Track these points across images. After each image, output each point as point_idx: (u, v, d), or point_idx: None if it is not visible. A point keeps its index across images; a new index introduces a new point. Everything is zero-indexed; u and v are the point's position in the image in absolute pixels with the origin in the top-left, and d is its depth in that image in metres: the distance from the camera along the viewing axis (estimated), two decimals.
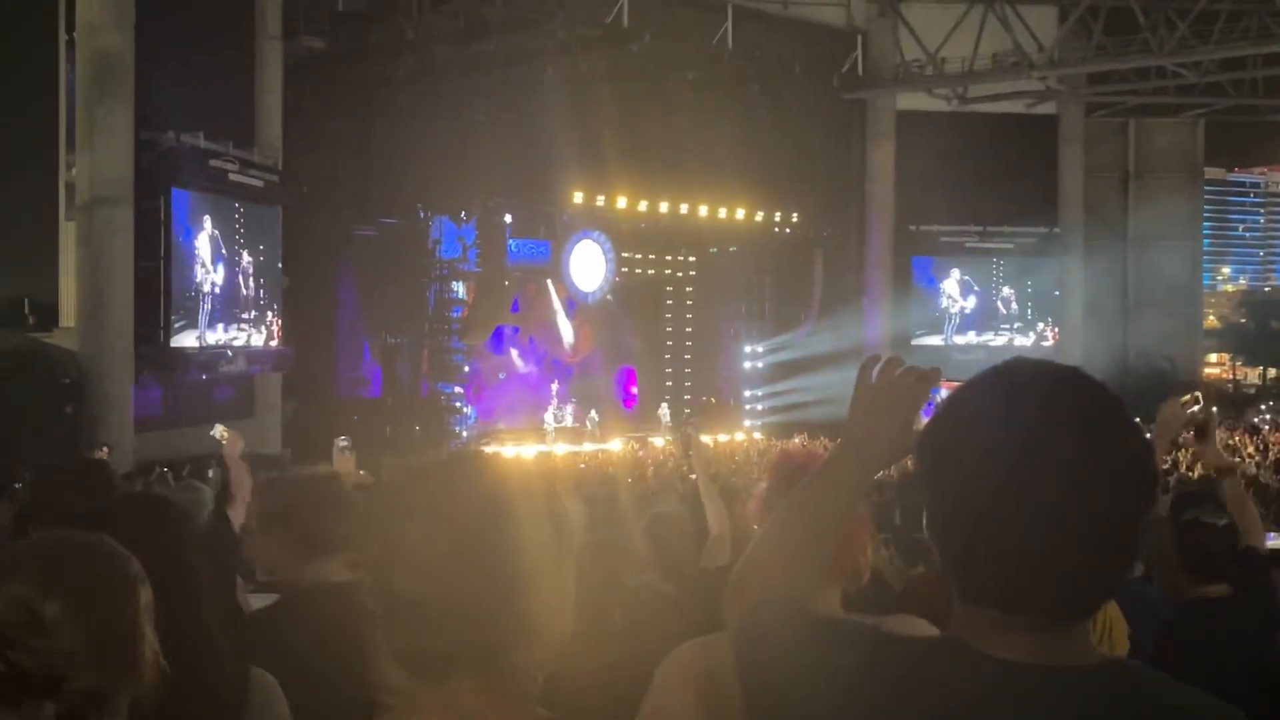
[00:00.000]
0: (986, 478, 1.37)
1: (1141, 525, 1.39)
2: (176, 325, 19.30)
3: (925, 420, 1.52)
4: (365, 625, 1.43)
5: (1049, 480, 1.33)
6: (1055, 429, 1.36)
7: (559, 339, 30.46)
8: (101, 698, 1.71)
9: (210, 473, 14.86)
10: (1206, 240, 34.71)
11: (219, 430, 5.40)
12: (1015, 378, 1.43)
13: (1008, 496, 1.35)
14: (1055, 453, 1.34)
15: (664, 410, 29.77)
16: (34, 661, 1.66)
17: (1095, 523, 1.34)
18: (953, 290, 32.13)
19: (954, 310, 32.17)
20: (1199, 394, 3.90)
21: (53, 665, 1.67)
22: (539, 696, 1.48)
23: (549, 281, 29.85)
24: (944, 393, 1.55)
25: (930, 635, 1.55)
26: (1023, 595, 1.37)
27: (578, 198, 27.09)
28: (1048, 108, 32.12)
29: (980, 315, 32.18)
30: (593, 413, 28.56)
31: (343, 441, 6.13)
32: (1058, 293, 31.98)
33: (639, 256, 30.93)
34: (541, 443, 26.63)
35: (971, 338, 31.92)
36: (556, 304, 30.06)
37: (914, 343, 30.97)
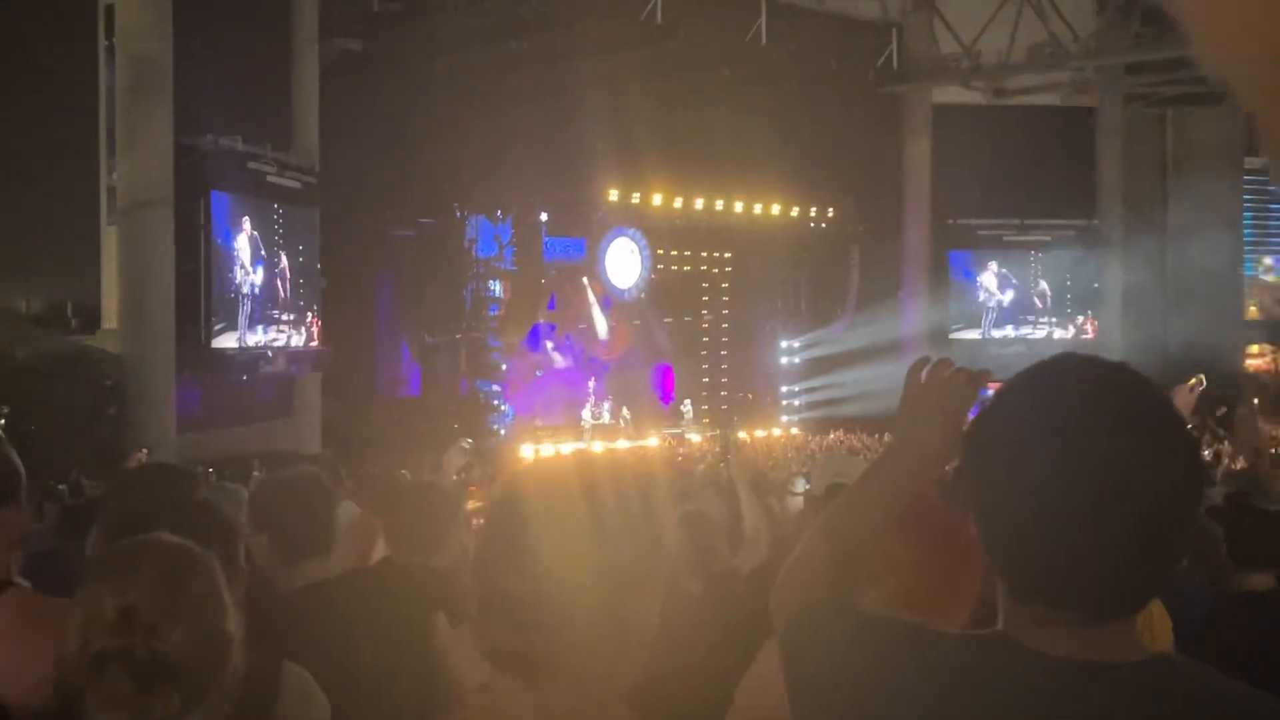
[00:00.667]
0: (1031, 474, 1.38)
1: (1187, 521, 1.40)
2: (217, 327, 19.47)
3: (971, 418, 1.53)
4: (356, 619, 1.49)
5: (1093, 477, 1.34)
6: (1100, 425, 1.36)
7: (595, 336, 30.47)
8: (207, 687, 1.88)
9: (255, 473, 15.01)
10: (1248, 231, 34.21)
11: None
12: (1060, 374, 1.44)
13: (1052, 493, 1.36)
14: (1100, 449, 1.35)
15: (687, 406, 29.67)
16: (172, 651, 1.83)
17: (1141, 519, 1.35)
18: (990, 284, 31.91)
19: (991, 304, 31.95)
20: (1201, 376, 3.91)
21: (181, 656, 1.83)
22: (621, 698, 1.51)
23: (584, 279, 29.87)
24: (992, 393, 1.56)
25: (974, 632, 1.56)
26: (1069, 592, 1.39)
27: (613, 195, 27.09)
28: (1085, 99, 31.83)
29: (1018, 309, 31.93)
30: (625, 410, 28.55)
31: (465, 443, 6.18)
32: (1096, 285, 31.69)
33: (675, 253, 30.88)
34: (579, 440, 26.65)
35: (1009, 332, 31.68)
36: (592, 301, 30.08)
37: (951, 337, 30.78)
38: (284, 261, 21.32)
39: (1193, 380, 3.85)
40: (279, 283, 21.24)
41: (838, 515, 1.74)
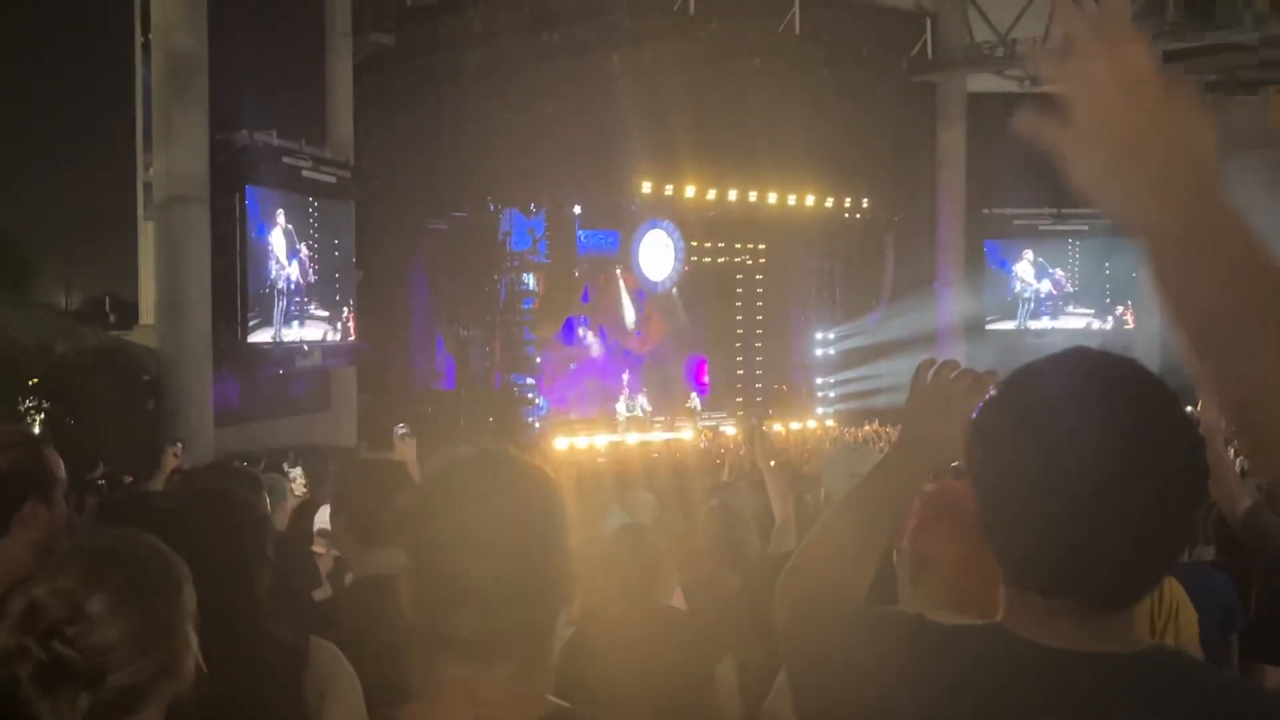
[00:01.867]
0: (1032, 463, 1.38)
1: (1188, 516, 1.39)
2: (253, 321, 19.61)
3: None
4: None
5: (1093, 468, 1.34)
6: (1101, 417, 1.36)
7: (628, 328, 30.50)
8: (138, 693, 1.78)
9: (286, 466, 15.12)
10: None
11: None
12: (1065, 366, 1.44)
13: (1052, 483, 1.35)
14: (1100, 441, 1.34)
15: (693, 400, 29.59)
16: (75, 653, 1.73)
17: (1140, 512, 1.34)
18: (1026, 274, 31.70)
19: (1028, 294, 31.75)
20: None
21: (93, 658, 1.73)
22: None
23: (618, 271, 29.90)
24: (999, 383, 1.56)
25: (972, 623, 1.56)
26: (1065, 582, 1.38)
27: (646, 187, 27.10)
28: None
29: (1055, 299, 31.72)
30: (641, 399, 28.55)
31: (401, 429, 6.24)
32: (1135, 275, 31.41)
33: (708, 245, 30.86)
34: (613, 432, 26.70)
35: (1046, 322, 31.48)
36: (624, 292, 30.10)
37: (987, 328, 30.63)
38: (319, 255, 21.45)
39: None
40: (314, 276, 21.37)
41: (843, 513, 1.76)
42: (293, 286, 20.69)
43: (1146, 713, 1.35)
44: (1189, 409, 1.46)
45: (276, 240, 20.27)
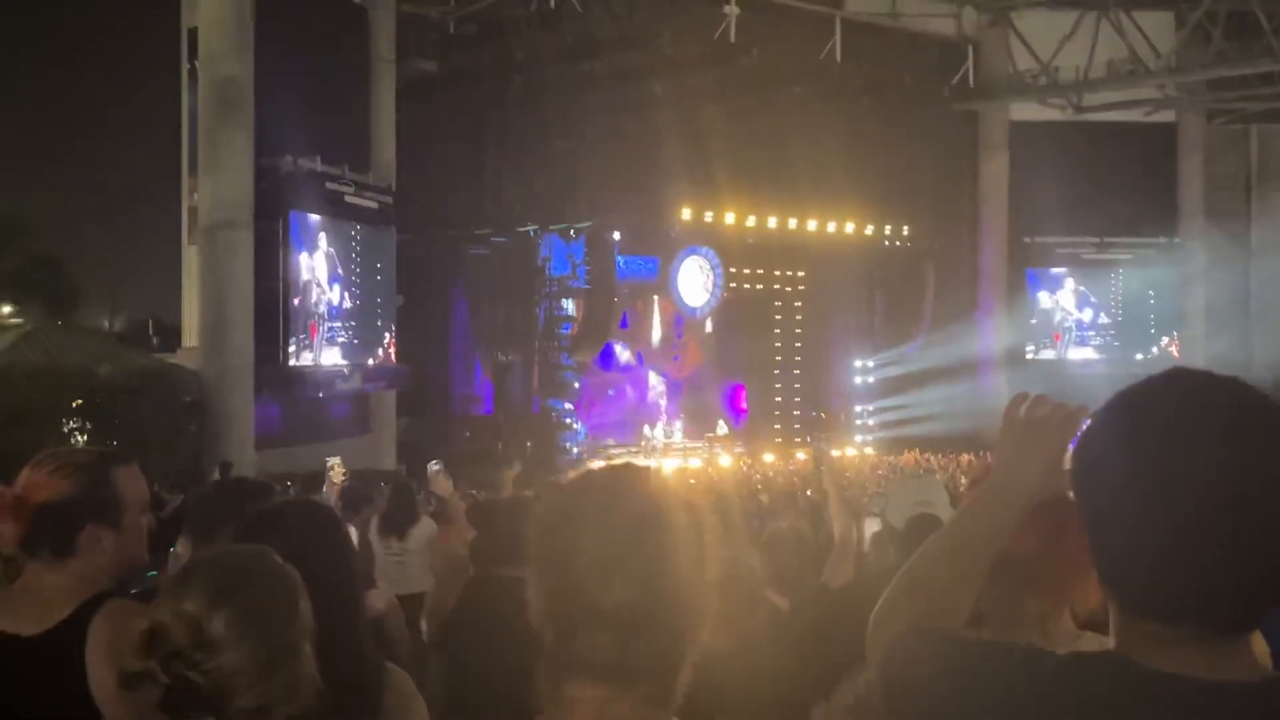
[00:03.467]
0: (1144, 486, 1.34)
1: None
2: (295, 344, 19.72)
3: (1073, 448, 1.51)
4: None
5: (1208, 488, 1.30)
6: (1213, 435, 1.32)
7: (667, 354, 30.51)
8: (262, 715, 1.76)
9: (325, 489, 15.15)
10: None
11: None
12: (1169, 385, 1.41)
13: (1166, 505, 1.32)
14: (1213, 459, 1.31)
15: (651, 430, 28.93)
16: (200, 677, 1.71)
17: (1260, 534, 1.30)
18: (1069, 303, 31.50)
19: (1069, 324, 31.53)
20: None
21: (218, 682, 1.72)
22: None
23: (655, 297, 29.93)
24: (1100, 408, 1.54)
25: (1087, 652, 1.52)
26: (1187, 608, 1.34)
27: (686, 214, 27.13)
28: (1166, 115, 31.33)
29: (1098, 328, 31.49)
30: (678, 424, 28.51)
31: (435, 465, 6.27)
32: (1178, 305, 31.17)
33: (747, 271, 30.83)
34: (650, 458, 26.65)
35: (1089, 353, 31.27)
36: (657, 317, 30.13)
37: (1028, 358, 30.43)
38: (361, 280, 21.57)
39: None
40: (356, 301, 21.49)
41: (937, 549, 1.72)
42: (334, 311, 20.81)
43: None
44: None
45: (319, 265, 20.41)
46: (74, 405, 17.08)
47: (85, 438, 16.78)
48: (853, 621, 1.85)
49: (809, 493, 13.64)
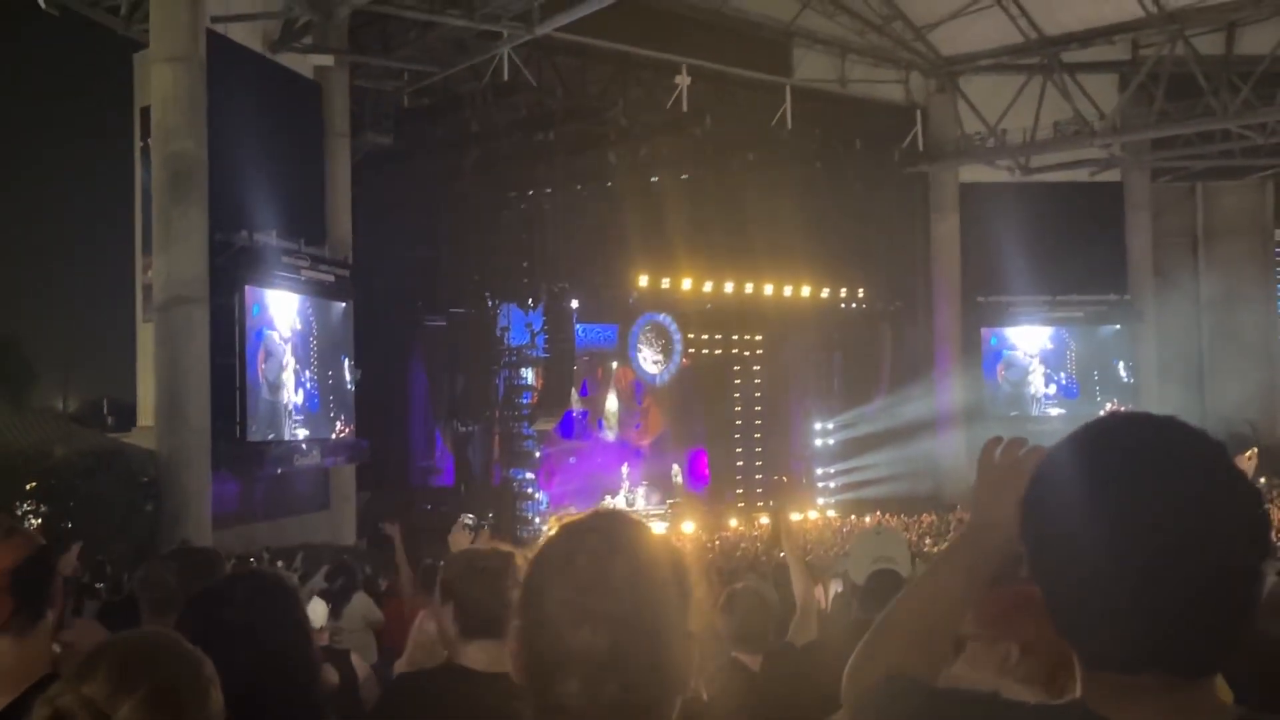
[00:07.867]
0: (1090, 535, 1.32)
1: (1257, 571, 1.33)
2: (252, 420, 19.53)
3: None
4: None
5: (1155, 531, 1.29)
6: (1157, 477, 1.31)
7: (629, 422, 30.45)
8: None
9: (295, 563, 14.98)
10: None
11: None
12: (1110, 431, 1.40)
13: (1114, 552, 1.30)
14: (1159, 502, 1.30)
15: (613, 499, 28.16)
16: None
17: (1209, 571, 1.29)
18: (1024, 361, 31.85)
19: (1026, 381, 31.87)
20: (1255, 449, 3.94)
21: None
22: None
23: (614, 364, 29.95)
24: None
25: (1052, 703, 1.52)
26: (1141, 656, 1.32)
27: (643, 281, 27.25)
28: (1112, 175, 31.91)
29: (1054, 385, 31.84)
30: (640, 492, 28.48)
31: (469, 519, 6.16)
32: (1130, 360, 31.55)
33: (705, 337, 30.95)
34: None
35: (1047, 410, 31.58)
36: (613, 385, 30.11)
37: (987, 414, 30.64)
38: (318, 354, 21.45)
39: (1248, 453, 3.83)
40: (313, 375, 21.35)
41: (913, 598, 1.72)
42: (292, 385, 20.67)
43: None
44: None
45: (276, 339, 20.28)
46: (28, 488, 16.81)
47: (40, 520, 16.51)
48: (821, 677, 1.84)
49: (776, 553, 13.60)
